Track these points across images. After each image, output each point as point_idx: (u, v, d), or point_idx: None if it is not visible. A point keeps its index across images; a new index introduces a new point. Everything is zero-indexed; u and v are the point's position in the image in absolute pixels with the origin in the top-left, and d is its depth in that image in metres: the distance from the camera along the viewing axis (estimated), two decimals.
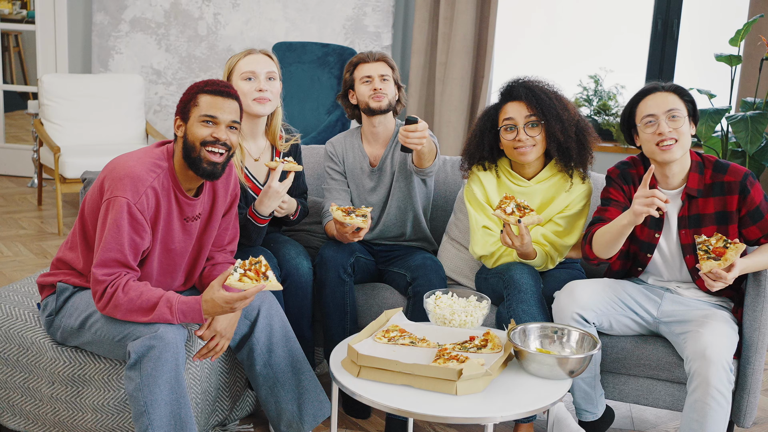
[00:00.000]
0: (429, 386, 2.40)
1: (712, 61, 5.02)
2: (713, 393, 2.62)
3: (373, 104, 3.29)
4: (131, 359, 2.57)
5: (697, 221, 2.87)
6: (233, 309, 2.55)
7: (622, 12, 6.03)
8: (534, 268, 3.09)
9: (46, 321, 2.82)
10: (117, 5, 6.30)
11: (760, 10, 5.26)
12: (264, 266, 2.53)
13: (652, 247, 2.94)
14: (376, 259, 3.42)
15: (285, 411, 2.88)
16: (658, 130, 2.80)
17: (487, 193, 3.17)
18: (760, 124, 4.68)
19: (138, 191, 2.59)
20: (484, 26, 5.73)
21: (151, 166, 2.65)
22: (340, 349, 2.65)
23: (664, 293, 2.98)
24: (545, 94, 3.09)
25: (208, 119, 2.64)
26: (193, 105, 2.66)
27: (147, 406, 2.55)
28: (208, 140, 2.64)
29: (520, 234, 2.90)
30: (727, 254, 2.65)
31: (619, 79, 5.88)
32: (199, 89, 2.68)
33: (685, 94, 2.87)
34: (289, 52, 5.75)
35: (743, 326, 2.89)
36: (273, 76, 3.16)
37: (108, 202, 2.60)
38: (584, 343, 2.62)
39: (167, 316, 2.58)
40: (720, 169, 2.86)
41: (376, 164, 3.40)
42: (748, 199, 2.82)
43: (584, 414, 3.01)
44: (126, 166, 2.63)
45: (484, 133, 3.18)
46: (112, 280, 2.58)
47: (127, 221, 2.57)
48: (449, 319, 2.80)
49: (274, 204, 3.04)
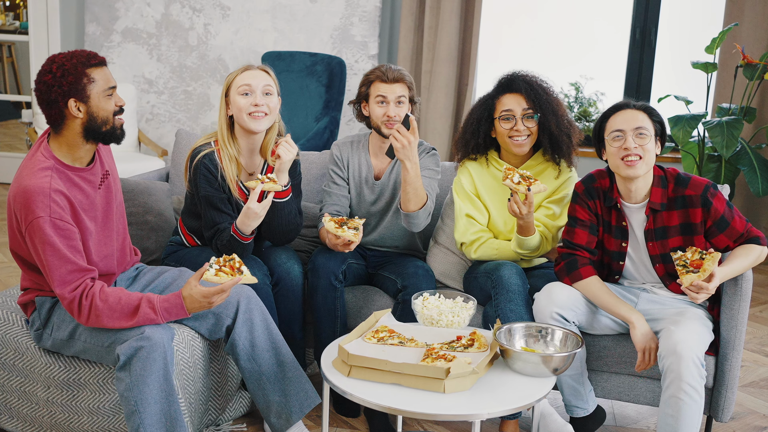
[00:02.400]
0: (418, 385, 2.41)
1: (689, 68, 5.07)
2: (685, 388, 2.65)
3: (385, 131, 3.24)
4: (120, 361, 2.57)
5: (663, 233, 2.91)
6: (211, 303, 2.59)
7: (601, 21, 6.07)
8: (521, 269, 3.11)
9: (36, 335, 2.81)
10: (109, 16, 6.30)
11: (734, 19, 5.31)
12: (238, 262, 2.59)
13: (622, 255, 2.98)
14: (367, 263, 3.42)
15: (272, 403, 2.89)
16: (624, 145, 2.84)
17: (476, 184, 3.22)
18: (736, 129, 4.73)
19: (45, 202, 2.52)
20: (467, 35, 5.76)
21: (40, 173, 2.57)
22: (330, 350, 2.66)
23: (641, 293, 3.01)
24: (541, 89, 3.17)
25: (111, 92, 2.63)
26: (87, 82, 2.57)
27: (138, 405, 2.56)
28: (116, 110, 2.65)
29: (528, 202, 2.93)
30: (705, 265, 2.68)
31: (599, 87, 5.93)
32: (83, 65, 2.57)
33: (654, 114, 2.92)
34: (278, 62, 5.76)
35: (721, 324, 2.92)
36: (270, 91, 3.07)
37: (28, 229, 2.55)
38: (568, 342, 2.64)
39: (152, 317, 2.58)
40: (681, 183, 2.89)
41: (380, 177, 3.38)
42: (712, 211, 2.85)
43: (575, 410, 3.02)
44: (22, 189, 2.55)
45: (480, 121, 3.21)
46: (81, 291, 2.57)
47: (54, 235, 2.53)
48: (437, 320, 2.82)
49: (255, 223, 2.97)
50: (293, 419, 2.89)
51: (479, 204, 3.21)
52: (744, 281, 2.85)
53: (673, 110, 4.98)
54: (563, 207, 3.18)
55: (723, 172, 4.91)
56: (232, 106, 3.07)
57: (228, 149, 3.08)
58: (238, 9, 6.15)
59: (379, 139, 3.33)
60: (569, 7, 6.17)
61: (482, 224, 3.20)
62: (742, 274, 2.85)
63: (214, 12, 6.18)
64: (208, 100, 6.31)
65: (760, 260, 2.86)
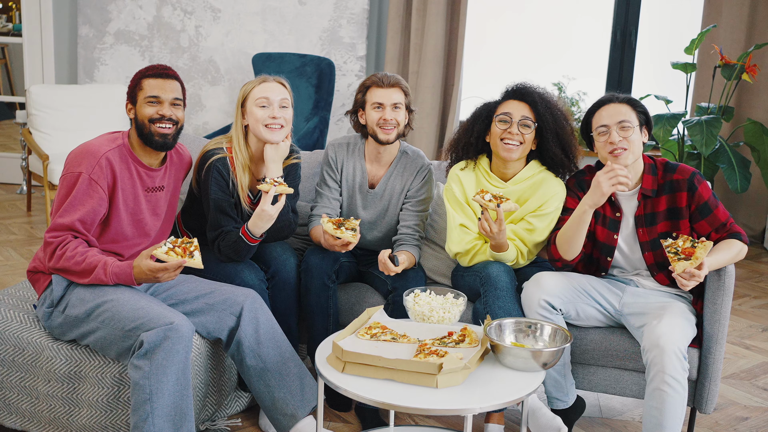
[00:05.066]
0: (411, 380, 2.40)
1: (668, 68, 5.08)
2: (668, 380, 2.66)
3: (381, 137, 3.21)
4: (143, 348, 2.57)
5: (651, 219, 2.93)
6: (157, 278, 2.68)
7: (582, 23, 6.09)
8: (509, 266, 3.10)
9: (45, 313, 2.80)
10: (101, 18, 6.25)
11: (712, 20, 5.34)
12: (194, 246, 2.68)
13: (612, 249, 2.99)
14: (357, 261, 3.40)
15: (278, 399, 2.88)
16: (609, 139, 2.87)
17: (466, 192, 3.15)
18: (714, 128, 4.75)
19: (91, 162, 2.73)
20: (453, 37, 5.76)
21: (106, 142, 2.82)
22: (324, 346, 2.64)
23: (626, 286, 3.02)
24: (550, 105, 3.08)
25: (152, 100, 2.81)
26: (138, 89, 2.83)
27: (152, 394, 2.55)
28: (154, 117, 2.81)
29: (498, 219, 2.91)
30: (697, 253, 2.68)
31: (581, 86, 5.94)
32: (142, 75, 2.84)
33: (638, 105, 2.94)
34: (269, 63, 5.74)
35: (704, 318, 2.92)
36: (286, 104, 3.08)
37: (63, 178, 2.76)
38: (557, 337, 2.64)
39: (101, 277, 2.70)
40: (670, 169, 2.93)
41: (376, 185, 3.35)
42: (696, 196, 2.88)
43: (555, 402, 3.03)
44: (81, 146, 2.80)
45: (477, 120, 3.15)
46: (59, 242, 2.71)
47: (83, 191, 2.72)
48: (428, 316, 2.81)
49: (266, 225, 2.98)
50: (299, 414, 2.88)
51: (470, 212, 3.15)
52: (727, 276, 2.86)
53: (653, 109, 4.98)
54: (548, 222, 3.08)
55: (702, 169, 4.92)
56: (248, 116, 3.08)
57: (241, 155, 3.08)
58: (228, 11, 6.12)
59: (375, 147, 3.29)
60: (551, 8, 6.18)
61: (474, 232, 3.14)
62: (724, 268, 2.86)
63: (205, 14, 6.15)
64: (200, 100, 6.27)
65: (741, 257, 2.87)
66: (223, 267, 3.09)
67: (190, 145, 3.70)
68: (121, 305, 2.67)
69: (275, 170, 3.06)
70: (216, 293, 2.91)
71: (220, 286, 2.95)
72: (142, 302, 2.69)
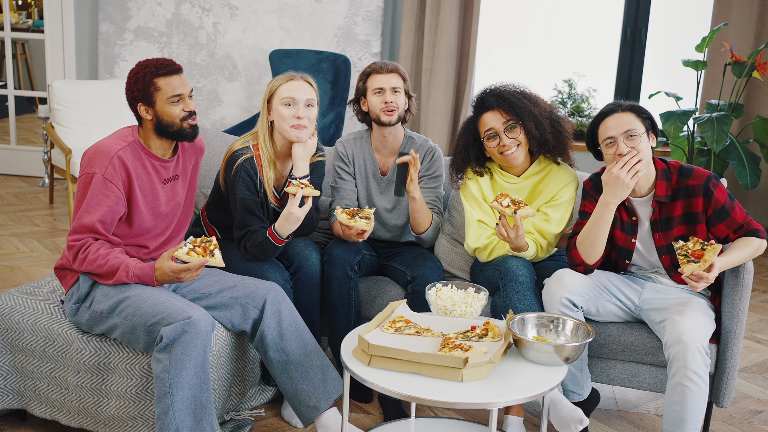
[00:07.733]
0: (436, 374, 2.38)
1: (678, 66, 5.04)
2: (691, 375, 2.63)
3: (384, 118, 3.25)
4: (163, 342, 2.57)
5: (667, 224, 2.88)
6: (179, 278, 2.67)
7: (593, 21, 6.05)
8: (528, 260, 3.08)
9: (72, 309, 2.80)
10: (122, 15, 6.23)
11: (722, 19, 5.29)
12: (213, 245, 2.66)
13: (630, 253, 2.95)
14: (378, 255, 3.39)
15: (301, 391, 2.86)
16: (618, 151, 2.80)
17: (483, 190, 3.15)
18: (725, 124, 4.70)
19: (104, 162, 2.71)
20: (466, 34, 5.72)
21: (116, 141, 2.78)
22: (350, 339, 2.63)
23: (645, 282, 2.99)
24: (514, 96, 3.07)
25: (176, 99, 2.77)
26: (154, 90, 2.76)
27: (172, 387, 2.55)
28: (184, 116, 2.79)
29: (515, 226, 2.88)
30: (705, 255, 2.66)
31: (591, 83, 5.91)
32: (152, 74, 2.76)
33: (642, 112, 2.86)
34: (285, 59, 5.70)
35: (722, 314, 2.90)
36: (312, 103, 3.06)
37: (79, 180, 2.75)
38: (579, 332, 2.62)
39: (124, 279, 2.69)
40: (685, 174, 2.86)
41: (387, 173, 3.36)
42: (713, 200, 2.83)
43: (571, 395, 3.01)
44: (95, 146, 2.77)
45: (468, 147, 3.15)
46: (80, 245, 2.70)
47: (99, 192, 2.70)
48: (450, 310, 2.79)
49: (294, 227, 2.96)
50: (322, 406, 2.86)
51: (486, 207, 3.14)
52: (745, 272, 2.83)
53: (663, 106, 4.95)
54: (563, 212, 3.09)
55: (712, 166, 4.88)
56: (274, 113, 3.05)
57: (267, 151, 3.06)
58: (245, 8, 6.10)
59: (380, 132, 3.30)
60: (563, 6, 6.14)
61: (493, 228, 3.13)
62: (743, 265, 2.83)
63: (222, 11, 6.12)
64: (217, 96, 6.25)
65: (759, 252, 2.84)
66: (248, 266, 3.07)
67: (210, 140, 3.69)
68: (143, 300, 2.67)
69: (303, 168, 3.03)
70: (239, 287, 2.90)
71: (243, 279, 2.93)
72: (162, 297, 2.68)
